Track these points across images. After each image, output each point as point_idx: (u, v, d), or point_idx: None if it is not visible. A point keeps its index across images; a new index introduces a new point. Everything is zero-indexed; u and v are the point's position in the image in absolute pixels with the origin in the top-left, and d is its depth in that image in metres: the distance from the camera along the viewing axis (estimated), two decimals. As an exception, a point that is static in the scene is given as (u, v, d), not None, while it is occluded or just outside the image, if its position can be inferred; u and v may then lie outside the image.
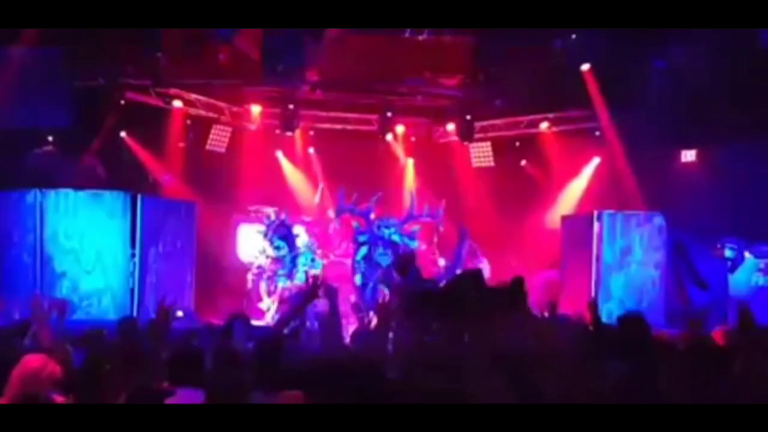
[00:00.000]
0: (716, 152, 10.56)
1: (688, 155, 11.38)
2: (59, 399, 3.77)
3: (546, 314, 5.49)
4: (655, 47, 10.08)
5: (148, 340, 5.15)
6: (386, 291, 9.67)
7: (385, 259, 10.35)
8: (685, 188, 10.75)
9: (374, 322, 7.23)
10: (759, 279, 9.57)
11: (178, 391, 4.06)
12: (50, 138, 10.88)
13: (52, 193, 9.34)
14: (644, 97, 10.60)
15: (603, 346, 4.35)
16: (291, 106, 12.69)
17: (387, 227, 10.47)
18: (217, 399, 3.69)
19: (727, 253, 10.10)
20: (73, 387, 3.84)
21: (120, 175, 11.08)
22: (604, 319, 5.72)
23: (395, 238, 10.55)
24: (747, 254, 9.82)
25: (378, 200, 10.97)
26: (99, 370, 4.06)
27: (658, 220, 10.56)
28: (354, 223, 10.89)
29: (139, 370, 4.11)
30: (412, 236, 10.75)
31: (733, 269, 9.88)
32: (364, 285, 10.39)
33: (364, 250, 10.49)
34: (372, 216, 10.72)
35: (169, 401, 3.64)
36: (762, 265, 9.68)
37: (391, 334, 4.79)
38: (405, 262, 7.22)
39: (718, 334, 5.18)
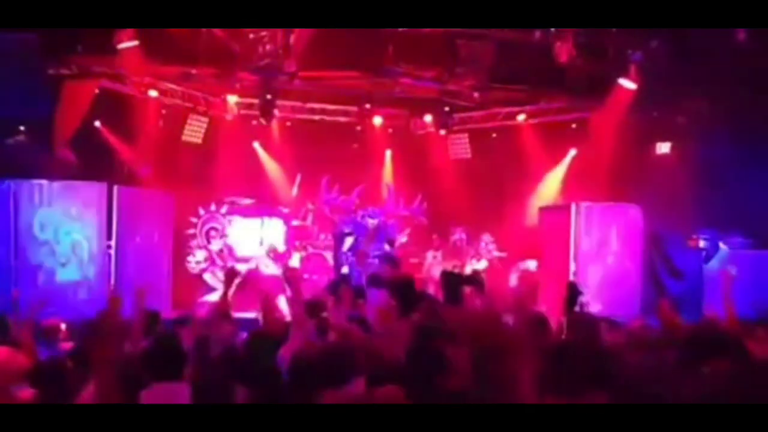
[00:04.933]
0: (691, 144, 10.69)
1: (663, 147, 11.52)
2: (26, 392, 3.72)
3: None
4: (632, 39, 10.16)
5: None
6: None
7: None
8: (660, 180, 10.88)
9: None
10: (733, 269, 9.70)
11: (157, 385, 4.00)
12: (22, 128, 10.65)
13: (25, 184, 9.18)
14: (622, 89, 10.67)
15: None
16: (269, 97, 12.57)
17: (371, 217, 10.49)
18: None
19: (702, 243, 10.27)
20: (39, 381, 3.78)
21: (95, 166, 10.88)
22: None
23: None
24: (721, 245, 9.98)
25: (360, 192, 10.99)
26: (63, 365, 4.00)
27: (634, 211, 10.70)
28: (335, 217, 10.91)
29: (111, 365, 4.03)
30: (393, 229, 10.80)
31: (707, 260, 10.04)
32: (350, 275, 10.41)
33: (350, 240, 10.50)
34: (354, 207, 10.75)
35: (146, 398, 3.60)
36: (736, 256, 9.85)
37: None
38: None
39: None
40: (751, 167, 9.47)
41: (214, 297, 11.68)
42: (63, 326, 6.08)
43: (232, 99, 13.01)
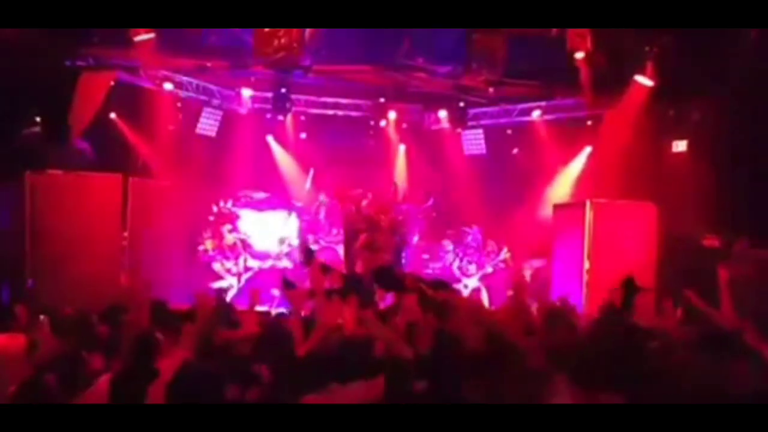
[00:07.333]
0: (707, 142, 10.59)
1: (680, 146, 11.41)
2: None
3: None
4: (649, 36, 10.08)
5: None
6: None
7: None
8: (676, 178, 10.79)
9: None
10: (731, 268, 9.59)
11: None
12: (38, 119, 10.72)
13: (41, 175, 9.25)
14: (638, 85, 10.59)
15: None
16: (283, 90, 12.59)
17: (384, 213, 10.50)
18: None
19: (715, 243, 10.17)
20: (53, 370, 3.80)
21: (109, 158, 10.96)
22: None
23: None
24: (734, 245, 9.87)
25: (366, 190, 11.00)
26: (78, 356, 4.02)
27: (649, 209, 10.62)
28: (348, 210, 10.92)
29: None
30: (402, 224, 10.81)
31: (722, 259, 9.93)
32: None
33: (363, 237, 10.51)
34: (366, 203, 10.74)
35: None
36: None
37: None
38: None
39: None
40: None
41: (221, 284, 12.07)
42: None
43: (247, 92, 13.03)
